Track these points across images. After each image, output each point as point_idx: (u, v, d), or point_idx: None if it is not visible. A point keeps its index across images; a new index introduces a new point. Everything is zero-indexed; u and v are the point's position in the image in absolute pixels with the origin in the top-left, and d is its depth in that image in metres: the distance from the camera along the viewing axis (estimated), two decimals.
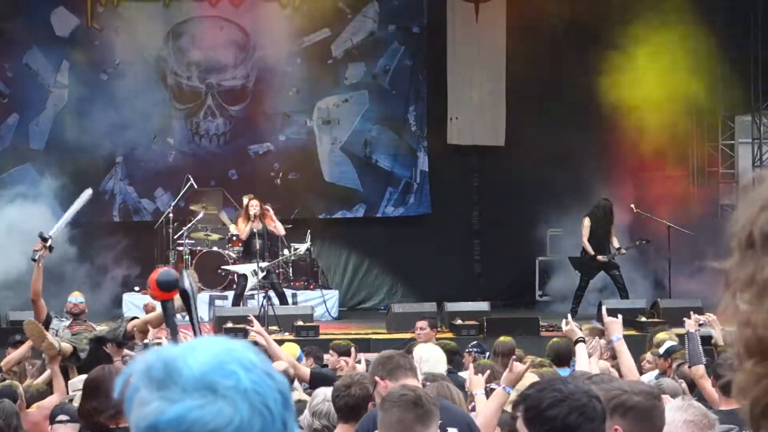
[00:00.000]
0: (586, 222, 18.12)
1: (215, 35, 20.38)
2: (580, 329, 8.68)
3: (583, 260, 18.31)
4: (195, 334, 4.50)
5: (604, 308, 8.61)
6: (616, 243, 18.23)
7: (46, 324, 11.27)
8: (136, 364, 1.82)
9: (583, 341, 8.40)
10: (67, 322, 11.87)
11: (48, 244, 11.43)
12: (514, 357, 8.08)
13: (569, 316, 9.76)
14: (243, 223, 17.46)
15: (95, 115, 19.80)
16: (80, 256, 18.48)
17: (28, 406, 8.46)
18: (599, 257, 18.00)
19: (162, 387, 1.77)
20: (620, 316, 8.13)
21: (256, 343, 8.91)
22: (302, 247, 18.26)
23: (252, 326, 9.65)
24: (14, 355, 11.28)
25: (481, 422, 6.32)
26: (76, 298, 12.46)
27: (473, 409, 6.91)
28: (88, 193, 13.07)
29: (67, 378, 9.88)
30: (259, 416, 1.77)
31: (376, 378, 5.74)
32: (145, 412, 1.77)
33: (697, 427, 4.65)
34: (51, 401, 8.40)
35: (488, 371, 8.68)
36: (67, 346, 10.61)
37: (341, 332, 15.84)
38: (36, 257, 11.38)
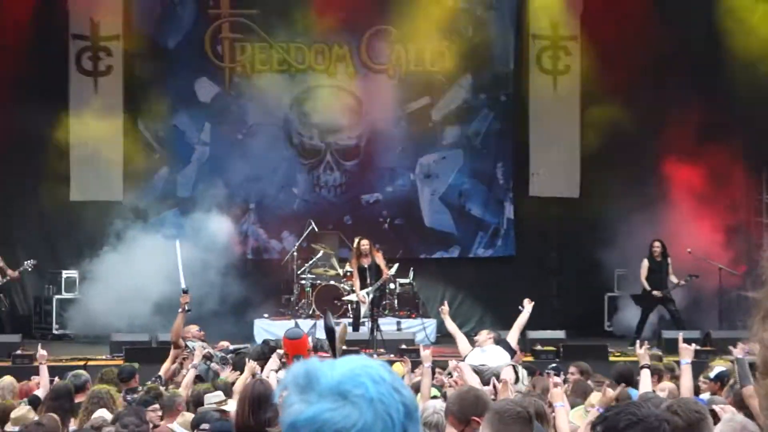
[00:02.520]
0: (645, 263, 19.07)
1: (333, 102, 20.98)
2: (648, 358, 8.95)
3: (643, 296, 19.16)
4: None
5: (681, 335, 8.94)
6: (674, 279, 19.00)
7: (207, 358, 11.87)
8: (288, 374, 1.96)
9: (649, 368, 8.59)
10: (220, 357, 12.52)
11: (188, 293, 12.61)
12: (607, 383, 8.16)
13: (645, 342, 10.39)
14: (355, 261, 18.28)
15: (232, 169, 20.69)
16: (221, 288, 19.03)
17: None
18: (654, 292, 18.90)
19: (303, 392, 1.91)
20: (694, 345, 8.70)
21: (391, 364, 8.94)
22: (393, 269, 18.57)
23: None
24: (167, 363, 11.90)
25: None
26: (196, 328, 13.37)
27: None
28: (177, 245, 13.98)
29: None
30: (381, 422, 1.88)
31: (475, 418, 5.42)
32: (289, 411, 1.91)
33: None
34: None
35: (567, 384, 9.16)
36: None
37: (438, 354, 15.37)
38: (187, 307, 12.35)
